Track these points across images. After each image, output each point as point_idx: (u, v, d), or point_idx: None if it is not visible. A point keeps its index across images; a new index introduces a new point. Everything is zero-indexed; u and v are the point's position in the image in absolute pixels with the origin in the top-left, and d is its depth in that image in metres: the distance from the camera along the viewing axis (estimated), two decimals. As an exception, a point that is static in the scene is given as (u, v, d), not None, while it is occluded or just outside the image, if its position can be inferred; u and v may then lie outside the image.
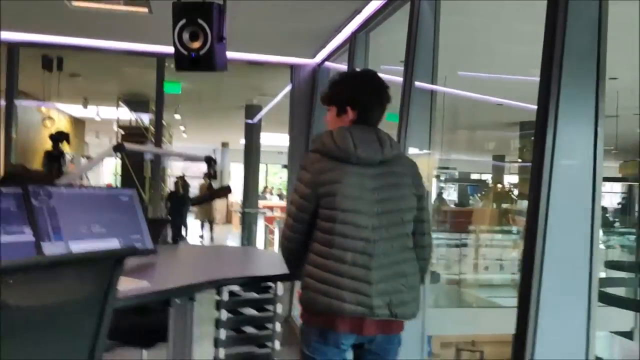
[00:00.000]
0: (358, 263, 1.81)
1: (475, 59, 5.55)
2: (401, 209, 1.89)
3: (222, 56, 2.82)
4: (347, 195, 1.83)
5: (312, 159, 1.89)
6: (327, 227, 1.84)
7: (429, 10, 3.04)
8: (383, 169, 1.88)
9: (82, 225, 2.23)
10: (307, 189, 1.86)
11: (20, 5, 4.25)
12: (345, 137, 1.85)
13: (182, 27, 2.73)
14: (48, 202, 2.15)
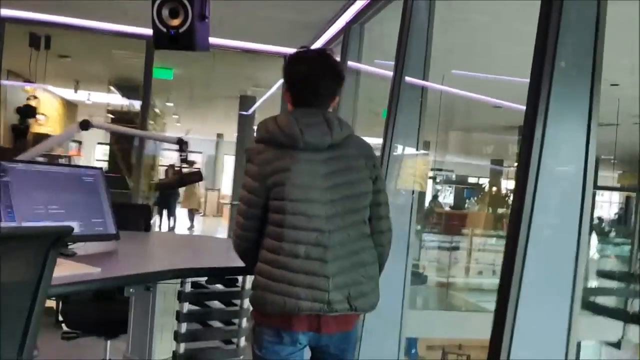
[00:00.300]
0: (312, 256, 1.67)
1: (474, 58, 5.42)
2: (355, 194, 1.74)
3: (204, 36, 2.68)
4: (297, 184, 1.69)
5: (257, 149, 1.76)
6: (277, 219, 1.70)
7: (423, 4, 2.92)
8: (333, 152, 1.73)
9: (38, 205, 2.09)
10: (254, 182, 1.73)
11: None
12: (290, 122, 1.71)
13: (162, 3, 2.59)
14: (2, 178, 2.01)
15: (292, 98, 1.78)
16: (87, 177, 2.32)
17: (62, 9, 4.89)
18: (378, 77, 4.40)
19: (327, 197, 1.70)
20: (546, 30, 1.70)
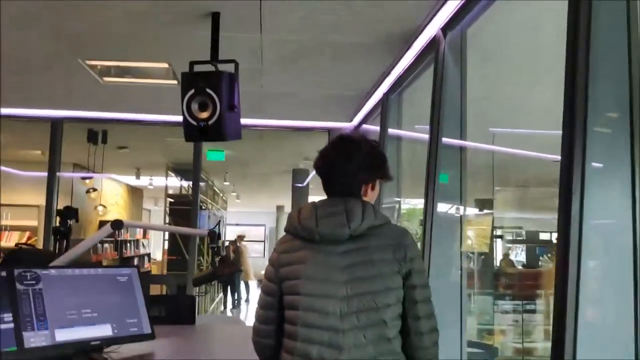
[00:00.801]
0: (326, 359, 1.51)
1: (522, 114, 5.24)
2: (374, 290, 1.55)
3: (234, 125, 2.71)
4: (311, 277, 1.56)
5: (282, 239, 1.69)
6: (291, 316, 1.57)
7: (453, 65, 2.85)
8: (354, 244, 1.58)
9: (71, 310, 2.08)
10: (272, 270, 1.64)
11: (60, 84, 4.41)
12: (310, 213, 1.61)
13: (191, 98, 2.65)
14: (35, 286, 2.02)
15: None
16: (121, 277, 2.31)
17: (116, 107, 5.17)
18: (423, 141, 4.33)
19: (344, 292, 1.54)
20: (573, 80, 1.58)
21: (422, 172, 3.05)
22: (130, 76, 4.13)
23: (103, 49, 3.54)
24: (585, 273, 1.52)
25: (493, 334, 7.77)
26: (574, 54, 1.56)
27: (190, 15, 2.91)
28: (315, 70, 3.91)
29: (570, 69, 1.59)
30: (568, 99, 1.59)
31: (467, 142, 3.08)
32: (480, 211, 10.02)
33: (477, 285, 9.54)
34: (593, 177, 1.54)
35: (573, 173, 1.52)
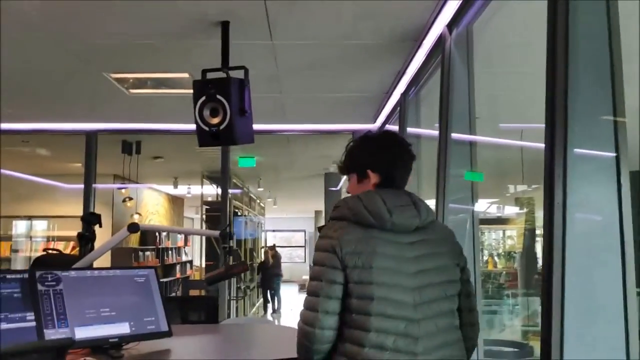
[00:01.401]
0: (401, 349, 1.51)
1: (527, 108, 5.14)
2: (443, 281, 1.62)
3: (245, 129, 2.80)
4: (384, 268, 1.55)
5: (338, 226, 1.61)
6: (362, 306, 1.53)
7: (460, 61, 2.86)
8: (420, 236, 1.63)
9: (90, 309, 2.20)
10: (334, 257, 1.56)
11: (90, 98, 4.62)
12: (377, 201, 1.61)
13: (203, 104, 2.75)
14: (55, 287, 2.15)
15: (379, 173, 1.70)
16: (139, 278, 2.43)
17: (145, 117, 5.36)
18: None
19: (415, 282, 1.57)
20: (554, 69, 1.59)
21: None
22: (154, 87, 4.29)
23: (126, 62, 3.71)
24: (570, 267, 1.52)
25: (538, 335, 7.60)
26: (554, 41, 1.58)
27: (203, 25, 3.02)
28: (332, 73, 3.97)
29: (550, 58, 1.60)
30: (549, 91, 1.60)
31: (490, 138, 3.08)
32: (521, 210, 9.80)
33: (520, 285, 9.32)
34: (576, 166, 1.54)
35: (555, 164, 1.53)
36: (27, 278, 2.09)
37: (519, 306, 8.61)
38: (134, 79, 4.16)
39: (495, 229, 11.22)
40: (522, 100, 4.31)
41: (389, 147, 1.75)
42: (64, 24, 3.04)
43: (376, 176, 1.70)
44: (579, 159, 1.55)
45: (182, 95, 4.42)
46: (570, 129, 1.51)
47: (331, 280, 1.56)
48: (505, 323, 7.80)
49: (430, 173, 4.37)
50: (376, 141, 1.78)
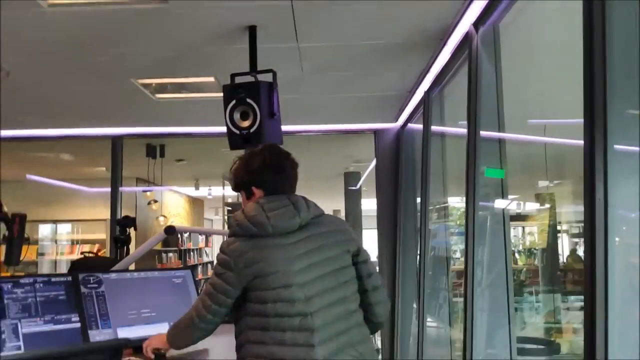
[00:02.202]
0: (298, 342, 1.66)
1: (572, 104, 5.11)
2: (335, 269, 1.78)
3: (274, 131, 2.84)
4: (273, 272, 1.72)
5: (230, 242, 1.79)
6: (260, 310, 1.72)
7: (487, 60, 2.86)
8: (304, 233, 1.78)
9: (131, 310, 2.26)
10: (230, 274, 1.74)
11: (117, 103, 4.70)
12: (257, 210, 1.77)
13: (233, 108, 2.80)
14: (97, 289, 2.22)
15: (262, 188, 1.84)
16: (176, 279, 2.49)
17: (170, 121, 5.44)
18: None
19: (304, 278, 1.72)
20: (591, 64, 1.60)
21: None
22: (181, 92, 4.36)
23: (152, 67, 3.77)
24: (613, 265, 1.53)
25: (562, 332, 7.54)
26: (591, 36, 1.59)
27: (230, 30, 3.07)
28: (355, 73, 4.00)
29: (588, 54, 1.61)
30: (587, 86, 1.61)
31: (513, 134, 3.08)
32: (541, 206, 9.73)
33: (542, 282, 9.26)
34: (616, 162, 1.55)
35: (595, 160, 1.54)
36: (70, 281, 2.15)
37: (540, 303, 8.56)
38: (160, 84, 4.22)
39: (515, 226, 11.16)
40: (548, 96, 4.30)
41: (267, 162, 1.86)
42: (93, 33, 3.11)
43: (260, 191, 1.84)
44: (618, 154, 1.56)
45: (207, 99, 4.49)
46: (610, 124, 1.52)
47: (227, 292, 1.76)
48: (526, 320, 7.76)
49: (455, 171, 4.38)
50: (255, 158, 1.88)
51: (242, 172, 1.89)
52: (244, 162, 1.90)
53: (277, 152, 1.91)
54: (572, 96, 1.83)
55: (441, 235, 4.80)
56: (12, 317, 1.95)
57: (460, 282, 5.39)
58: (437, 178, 4.23)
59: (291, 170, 1.89)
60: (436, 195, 4.41)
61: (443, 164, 4.26)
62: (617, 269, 1.51)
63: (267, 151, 1.90)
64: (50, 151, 6.95)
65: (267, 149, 1.92)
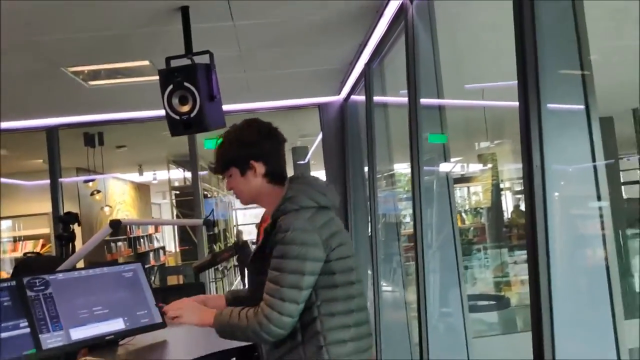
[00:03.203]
0: (364, 307, 1.74)
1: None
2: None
3: (215, 114, 2.79)
4: (346, 241, 1.70)
5: (298, 215, 1.64)
6: (346, 279, 1.67)
7: (423, 30, 2.89)
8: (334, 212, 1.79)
9: (82, 309, 2.20)
10: (315, 250, 1.60)
11: (49, 93, 4.49)
12: (321, 185, 1.74)
13: (171, 93, 2.73)
14: (45, 291, 2.15)
15: (263, 160, 1.74)
16: (126, 273, 2.43)
17: (106, 108, 5.25)
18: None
19: None
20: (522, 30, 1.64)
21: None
22: (114, 77, 4.20)
23: (83, 54, 3.61)
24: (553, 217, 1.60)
25: (510, 285, 7.87)
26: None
27: (161, 12, 2.96)
28: (294, 49, 3.96)
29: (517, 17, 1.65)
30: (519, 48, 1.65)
31: (452, 100, 3.15)
32: (484, 166, 10.03)
33: (489, 239, 9.61)
34: (550, 121, 1.61)
35: (530, 119, 1.59)
36: (15, 286, 2.07)
37: (489, 259, 8.90)
38: (93, 70, 4.06)
39: (460, 187, 11.49)
40: (484, 61, 4.40)
41: (263, 132, 1.77)
42: (18, 20, 2.93)
43: (260, 164, 1.73)
44: (551, 113, 1.62)
45: (144, 83, 4.35)
46: (542, 84, 1.57)
47: (314, 271, 1.62)
48: (476, 277, 8.06)
49: (400, 139, 4.45)
50: (248, 130, 1.77)
51: (235, 146, 1.73)
52: (235, 136, 1.75)
53: (267, 123, 1.80)
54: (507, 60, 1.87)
55: (390, 201, 4.91)
56: (-46, 329, 1.87)
57: (412, 246, 5.54)
58: (383, 147, 4.29)
59: (284, 144, 1.83)
60: (383, 163, 4.48)
61: (387, 133, 4.32)
62: (556, 221, 1.59)
63: (257, 123, 1.78)
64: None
65: (254, 121, 1.79)
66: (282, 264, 1.60)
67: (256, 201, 1.80)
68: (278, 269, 1.60)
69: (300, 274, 1.59)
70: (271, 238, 1.66)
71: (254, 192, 1.76)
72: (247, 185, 1.75)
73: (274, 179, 1.76)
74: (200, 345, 2.42)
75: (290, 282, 1.58)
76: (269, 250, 1.66)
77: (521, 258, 8.52)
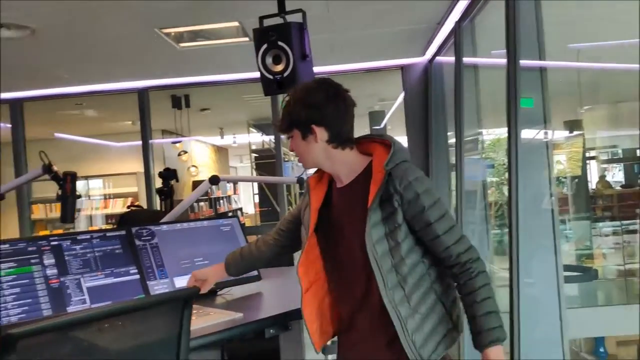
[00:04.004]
0: None
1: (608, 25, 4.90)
2: None
3: (307, 74, 2.78)
4: None
5: (413, 167, 1.65)
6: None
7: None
8: None
9: (185, 260, 2.31)
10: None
11: (141, 55, 4.65)
12: None
13: (265, 52, 2.74)
14: (151, 241, 2.26)
15: (325, 125, 1.64)
16: (224, 227, 2.52)
17: (194, 70, 5.39)
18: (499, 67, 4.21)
19: None
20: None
21: (503, 99, 2.98)
22: (204, 39, 4.28)
23: (175, 16, 3.69)
24: None
25: (593, 258, 7.55)
26: None
27: (255, -30, 2.96)
28: (382, 7, 3.86)
29: None
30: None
31: (548, 62, 2.98)
32: (570, 133, 9.53)
33: (572, 210, 9.21)
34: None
35: None
36: (125, 235, 2.19)
37: (571, 231, 8.55)
38: (183, 32, 4.15)
39: (544, 155, 11.01)
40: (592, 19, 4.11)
41: (330, 95, 1.64)
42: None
43: (322, 129, 1.64)
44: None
45: (231, 45, 4.41)
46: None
47: None
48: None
49: (490, 102, 4.29)
50: (315, 92, 1.66)
51: (299, 107, 1.64)
52: (301, 97, 1.66)
53: (337, 85, 1.68)
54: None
55: (475, 168, 4.77)
56: (74, 272, 2.01)
57: (496, 214, 5.38)
58: (470, 111, 4.15)
59: (353, 108, 1.69)
60: (469, 128, 4.34)
61: (477, 96, 4.17)
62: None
63: (326, 84, 1.67)
64: (76, 108, 6.98)
65: (323, 82, 1.68)
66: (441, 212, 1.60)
67: (318, 165, 1.73)
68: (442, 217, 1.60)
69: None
70: (384, 189, 1.60)
71: (315, 156, 1.68)
72: (308, 148, 1.67)
73: (339, 144, 1.67)
74: (292, 299, 2.49)
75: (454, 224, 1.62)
76: (380, 202, 1.60)
77: (604, 231, 8.12)
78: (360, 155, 1.71)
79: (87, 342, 1.32)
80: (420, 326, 1.57)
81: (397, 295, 1.56)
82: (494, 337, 1.53)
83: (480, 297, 1.55)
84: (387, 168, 1.59)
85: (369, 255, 1.57)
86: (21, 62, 4.50)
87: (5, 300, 1.84)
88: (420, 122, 5.40)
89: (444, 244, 1.57)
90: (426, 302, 1.59)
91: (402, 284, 1.57)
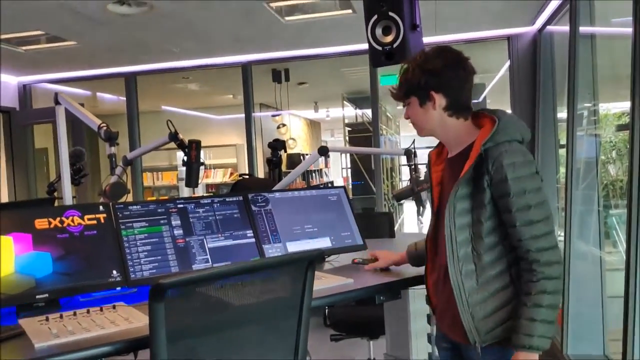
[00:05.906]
0: None
1: None
2: None
3: (416, 44, 2.74)
4: None
5: (518, 147, 1.58)
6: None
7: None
8: None
9: (296, 226, 2.40)
10: (540, 181, 1.56)
11: (246, 29, 4.79)
12: (517, 117, 1.65)
13: (375, 23, 2.73)
14: (265, 207, 2.37)
15: (443, 92, 1.62)
16: (331, 197, 2.58)
17: (295, 44, 5.47)
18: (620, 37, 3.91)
19: None
20: None
21: (622, 72, 2.77)
22: (308, 12, 4.33)
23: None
24: None
25: None
26: None
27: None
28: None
29: None
30: None
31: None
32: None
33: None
34: None
35: None
36: (242, 200, 2.31)
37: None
38: (288, 5, 4.22)
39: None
40: None
41: (450, 62, 1.61)
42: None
43: (440, 96, 1.61)
44: None
45: (334, 18, 4.43)
46: None
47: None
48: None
49: (609, 75, 4.02)
50: (434, 58, 1.62)
51: (418, 73, 1.63)
52: (420, 63, 1.64)
53: (457, 52, 1.65)
54: None
55: (587, 146, 4.50)
56: (198, 233, 2.15)
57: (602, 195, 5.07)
58: (585, 84, 3.91)
59: (472, 76, 1.66)
60: (583, 102, 4.10)
61: (593, 69, 3.91)
62: None
63: (445, 51, 1.65)
64: (182, 82, 7.33)
65: (443, 49, 1.66)
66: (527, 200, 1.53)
67: (433, 134, 1.72)
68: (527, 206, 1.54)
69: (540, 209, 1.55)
70: (477, 167, 1.58)
71: (431, 124, 1.68)
72: (425, 116, 1.67)
73: (457, 112, 1.64)
74: (395, 269, 2.53)
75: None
76: (472, 179, 1.59)
77: None
78: (473, 128, 1.67)
79: (215, 299, 1.42)
80: (483, 302, 1.57)
81: (465, 268, 1.58)
82: (527, 344, 1.49)
83: (532, 302, 1.50)
84: (484, 147, 1.57)
85: (445, 224, 1.60)
86: (136, 37, 4.78)
87: (139, 256, 2.01)
88: (527, 95, 5.17)
89: (517, 235, 1.53)
90: (497, 282, 1.57)
91: (474, 260, 1.57)
